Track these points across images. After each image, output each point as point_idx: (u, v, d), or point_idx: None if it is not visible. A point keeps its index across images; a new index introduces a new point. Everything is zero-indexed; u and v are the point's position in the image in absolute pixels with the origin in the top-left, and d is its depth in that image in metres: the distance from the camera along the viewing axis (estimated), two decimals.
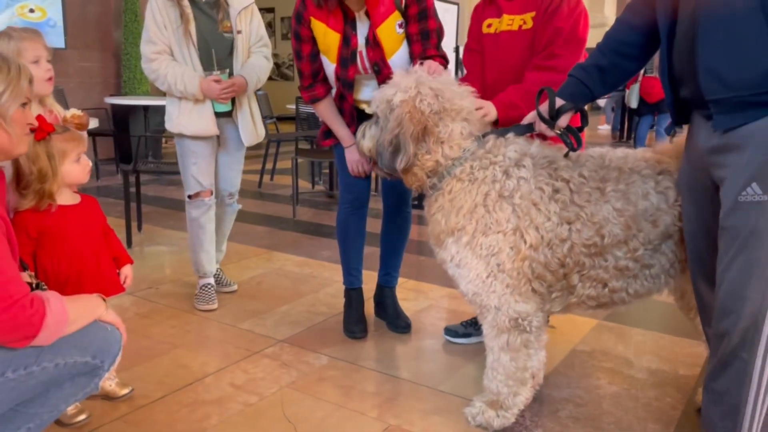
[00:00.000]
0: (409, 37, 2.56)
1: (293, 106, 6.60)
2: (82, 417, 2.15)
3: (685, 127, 1.84)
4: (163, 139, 8.43)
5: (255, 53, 3.14)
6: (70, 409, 2.13)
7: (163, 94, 3.21)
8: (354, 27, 2.56)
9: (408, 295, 3.42)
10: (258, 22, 3.16)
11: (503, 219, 1.92)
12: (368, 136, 2.13)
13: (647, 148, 2.04)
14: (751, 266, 1.48)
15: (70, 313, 1.55)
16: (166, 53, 3.00)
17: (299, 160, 5.63)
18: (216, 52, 3.00)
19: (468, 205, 1.96)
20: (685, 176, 1.79)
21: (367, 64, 2.60)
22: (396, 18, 2.52)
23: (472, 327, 2.86)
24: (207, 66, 3.00)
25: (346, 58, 2.59)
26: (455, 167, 2.01)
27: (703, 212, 1.72)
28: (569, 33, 2.27)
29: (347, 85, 2.65)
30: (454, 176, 2.00)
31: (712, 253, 1.73)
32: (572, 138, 1.94)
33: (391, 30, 2.53)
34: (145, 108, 7.20)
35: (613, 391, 2.44)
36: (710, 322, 1.81)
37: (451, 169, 2.01)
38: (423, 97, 1.98)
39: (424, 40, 2.54)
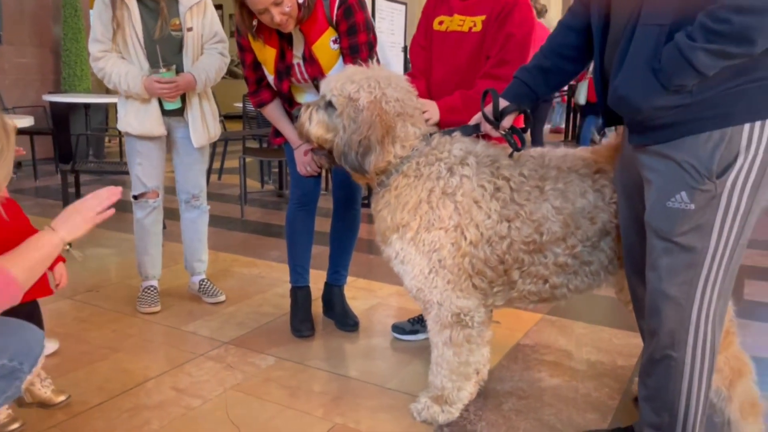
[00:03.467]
0: (341, 51, 2.58)
1: (241, 105, 6.52)
2: (15, 426, 2.07)
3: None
4: (107, 138, 8.19)
5: (208, 50, 3.08)
6: (2, 417, 2.05)
7: (106, 92, 3.13)
8: (290, 43, 2.59)
9: (357, 293, 3.42)
10: (211, 18, 3.09)
11: (445, 216, 1.95)
12: (316, 122, 2.07)
13: (585, 148, 2.10)
14: (673, 269, 1.54)
15: (13, 269, 1.48)
16: (113, 52, 2.93)
17: (247, 159, 5.56)
18: (164, 50, 2.93)
19: (413, 201, 1.98)
20: (619, 173, 1.86)
21: (306, 77, 2.62)
22: (330, 34, 2.54)
23: (419, 324, 2.89)
24: (154, 64, 2.93)
25: (282, 71, 2.62)
26: (403, 164, 2.02)
27: (634, 207, 1.79)
28: (521, 40, 2.30)
29: (283, 97, 2.70)
30: (401, 173, 2.02)
31: (643, 247, 1.80)
32: (516, 138, 1.98)
33: (326, 46, 2.55)
34: (86, 106, 6.98)
35: (555, 384, 2.50)
36: (643, 315, 1.88)
37: (399, 166, 2.02)
38: (388, 99, 1.98)
39: (353, 54, 2.55)
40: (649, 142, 1.57)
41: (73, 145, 5.12)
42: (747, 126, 1.43)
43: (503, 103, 1.98)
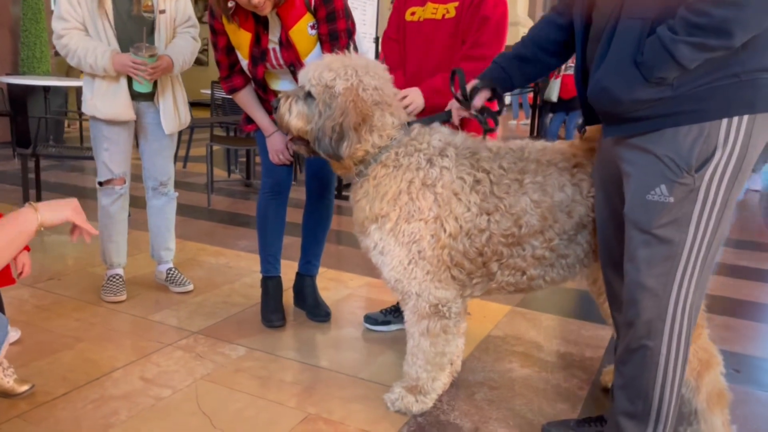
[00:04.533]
0: (319, 38, 2.55)
1: (208, 92, 6.40)
2: None
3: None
4: (66, 122, 7.95)
5: (181, 34, 3.00)
6: None
7: (66, 75, 3.02)
8: (266, 27, 2.53)
9: (327, 284, 3.39)
10: (185, 2, 3.02)
11: (425, 207, 1.95)
12: (296, 114, 2.04)
13: (564, 141, 2.12)
14: (651, 261, 1.57)
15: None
16: (78, 30, 2.83)
17: (214, 148, 5.46)
18: (135, 31, 2.84)
19: (393, 191, 1.97)
20: (598, 166, 1.88)
21: (282, 62, 2.57)
22: (308, 20, 2.51)
23: (391, 315, 2.89)
24: (125, 46, 2.84)
25: (257, 56, 2.57)
26: (381, 154, 2.01)
27: (611, 200, 1.81)
28: (496, 23, 2.35)
29: (258, 82, 2.65)
30: (380, 162, 2.01)
31: (619, 240, 1.83)
32: (489, 120, 1.99)
33: (304, 32, 2.52)
34: (46, 89, 6.75)
35: (525, 374, 2.53)
36: (618, 308, 1.91)
37: (377, 156, 2.01)
38: (365, 87, 1.96)
39: (333, 41, 2.53)
40: (626, 134, 1.59)
41: (34, 129, 4.95)
42: (725, 121, 1.47)
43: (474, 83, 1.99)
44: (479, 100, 2.00)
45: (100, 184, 3.09)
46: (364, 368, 2.52)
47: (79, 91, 7.72)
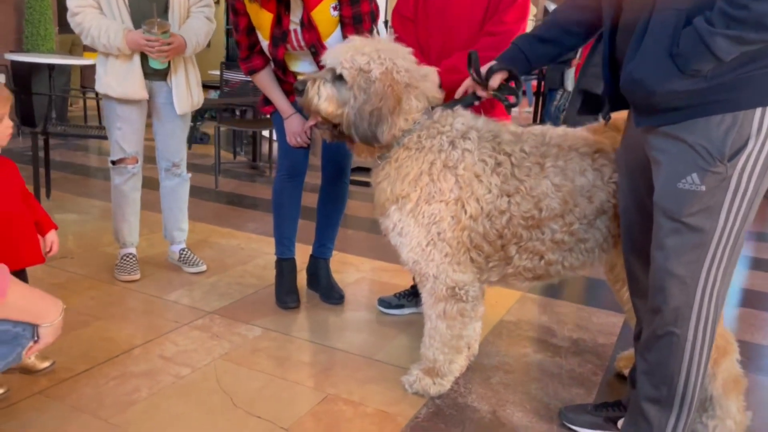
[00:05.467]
0: (342, 20, 2.54)
1: (216, 72, 6.37)
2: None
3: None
4: (69, 101, 7.90)
5: (195, 14, 2.98)
6: None
7: (69, 53, 3.01)
8: (287, 7, 2.52)
9: (338, 267, 3.41)
10: None
11: (446, 189, 1.96)
12: (326, 97, 2.02)
13: (586, 127, 2.13)
14: (681, 249, 1.58)
15: (11, 294, 1.44)
16: (92, 8, 2.81)
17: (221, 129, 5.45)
18: (148, 9, 2.82)
19: (414, 173, 1.98)
20: (622, 153, 1.88)
21: (303, 44, 2.56)
22: (330, 1, 2.49)
23: (405, 299, 2.90)
24: (138, 23, 2.83)
25: (278, 37, 2.55)
26: (404, 137, 2.01)
27: (637, 187, 1.82)
28: (522, 2, 2.35)
29: (278, 63, 2.63)
30: (403, 145, 2.01)
31: (643, 227, 1.84)
32: (508, 96, 2.00)
33: (326, 13, 2.50)
34: (50, 67, 6.70)
35: (539, 359, 2.56)
36: (638, 293, 1.93)
37: (400, 139, 2.01)
38: (399, 69, 1.96)
39: (357, 24, 2.52)
40: (658, 123, 1.60)
41: (44, 107, 4.93)
42: (759, 110, 1.47)
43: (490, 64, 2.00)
44: (495, 81, 2.00)
45: (113, 163, 3.09)
46: (379, 350, 2.54)
47: (83, 69, 7.67)
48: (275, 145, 6.03)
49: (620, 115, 1.95)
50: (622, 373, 2.41)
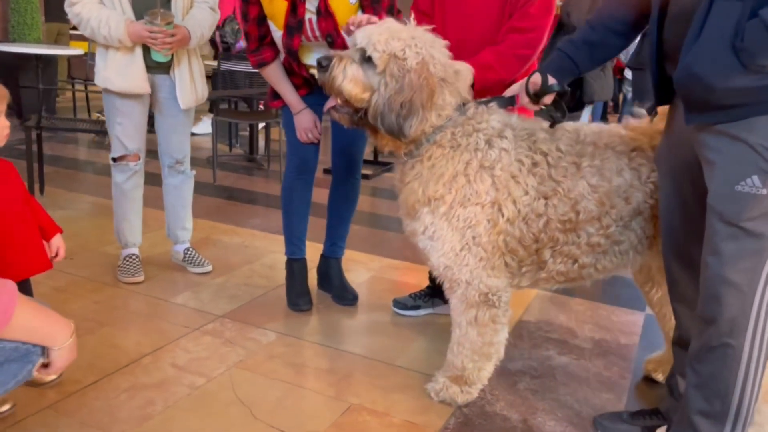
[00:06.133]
0: (360, 4, 2.41)
1: (213, 63, 6.22)
2: (5, 407, 1.91)
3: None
4: (56, 93, 7.70)
5: (199, 4, 2.85)
6: None
7: (56, 42, 2.86)
8: None
9: (348, 266, 3.29)
10: None
11: (483, 191, 1.86)
12: (351, 77, 1.88)
13: (621, 124, 2.04)
14: (738, 255, 1.49)
15: (18, 316, 1.33)
16: None
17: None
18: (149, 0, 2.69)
19: (449, 173, 1.87)
20: (665, 152, 1.79)
21: (318, 34, 2.44)
22: None
23: (420, 299, 2.81)
24: (139, 14, 2.69)
25: (293, 26, 2.42)
26: (436, 134, 1.90)
27: (681, 189, 1.73)
28: None
29: (292, 54, 2.50)
30: (435, 143, 1.90)
31: (686, 230, 1.76)
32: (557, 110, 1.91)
33: (345, 0, 2.37)
34: (38, 57, 6.49)
35: (564, 362, 2.48)
36: (679, 298, 1.86)
37: (431, 136, 1.91)
38: (435, 62, 1.85)
39: (375, 4, 2.41)
40: (713, 121, 1.51)
41: (32, 99, 4.77)
42: None
43: (550, 79, 1.88)
44: (549, 98, 1.91)
45: (114, 160, 2.96)
46: (399, 355, 2.45)
47: (70, 59, 7.46)
48: (274, 138, 5.90)
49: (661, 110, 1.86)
50: (651, 377, 2.34)
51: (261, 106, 6.06)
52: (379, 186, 5.18)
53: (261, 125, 5.99)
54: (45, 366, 1.51)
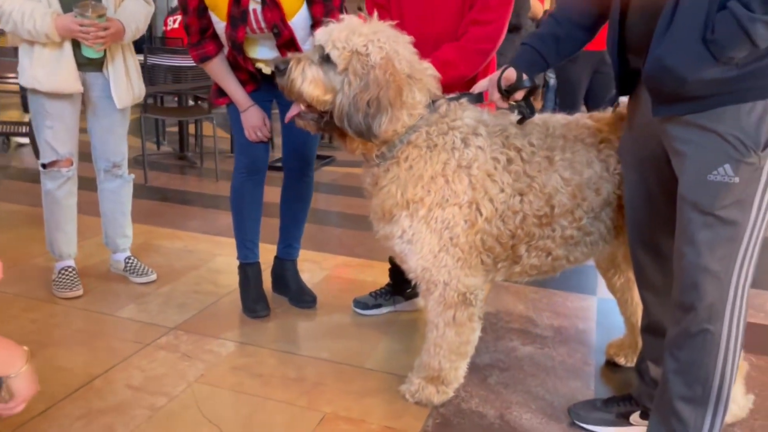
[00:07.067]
0: None
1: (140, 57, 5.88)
2: None
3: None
4: None
5: None
6: None
7: None
8: None
9: (301, 266, 3.18)
10: None
11: (461, 191, 1.82)
12: (311, 79, 1.79)
13: (586, 115, 2.05)
14: (714, 244, 1.52)
15: None
16: None
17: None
18: None
19: (428, 175, 1.81)
20: (628, 143, 1.81)
21: (263, 25, 2.32)
22: None
23: (382, 297, 2.76)
24: (67, 7, 2.47)
25: (236, 17, 2.30)
26: (409, 134, 1.84)
27: (646, 180, 1.76)
28: None
29: (237, 47, 2.37)
30: (410, 143, 1.84)
31: (652, 219, 1.79)
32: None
33: None
34: None
35: (529, 352, 2.50)
36: (647, 286, 1.89)
37: (404, 136, 1.84)
38: (401, 58, 1.78)
39: (327, 1, 2.31)
40: (683, 112, 1.52)
41: None
42: None
43: (514, 72, 1.86)
44: (520, 94, 1.88)
45: (44, 166, 2.74)
46: (367, 358, 2.39)
47: None
48: (207, 134, 5.66)
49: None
50: (614, 361, 2.40)
51: (191, 102, 5.80)
52: (319, 180, 5.08)
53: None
54: (5, 400, 1.35)
